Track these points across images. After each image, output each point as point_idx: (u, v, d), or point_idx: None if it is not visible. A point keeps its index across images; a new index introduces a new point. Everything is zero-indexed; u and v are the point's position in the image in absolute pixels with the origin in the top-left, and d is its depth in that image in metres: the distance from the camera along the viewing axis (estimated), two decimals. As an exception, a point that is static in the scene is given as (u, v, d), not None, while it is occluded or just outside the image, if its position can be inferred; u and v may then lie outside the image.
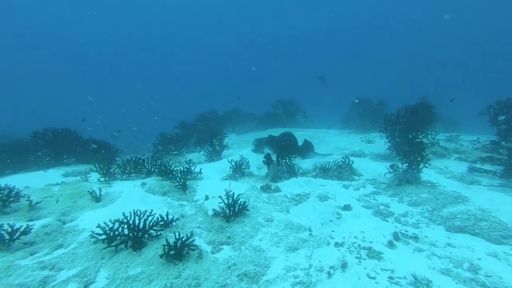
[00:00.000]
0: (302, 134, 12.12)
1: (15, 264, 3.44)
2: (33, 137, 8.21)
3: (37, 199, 5.05)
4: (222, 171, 7.38)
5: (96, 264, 3.61)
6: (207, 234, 4.46)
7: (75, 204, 5.22)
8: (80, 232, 4.35)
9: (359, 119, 16.59)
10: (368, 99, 17.19)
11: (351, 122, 17.23)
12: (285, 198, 5.77)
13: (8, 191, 4.71)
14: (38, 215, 4.75)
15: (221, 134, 9.32)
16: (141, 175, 6.95)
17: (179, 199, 5.65)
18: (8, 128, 19.57)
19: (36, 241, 4.04)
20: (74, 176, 6.98)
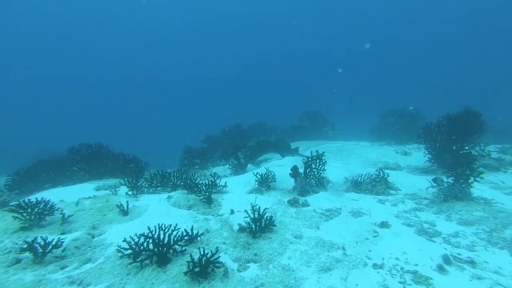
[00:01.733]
0: (330, 146, 11.67)
1: (46, 278, 3.47)
2: (69, 152, 8.72)
3: (69, 213, 5.20)
4: (247, 184, 7.19)
5: (122, 281, 3.54)
6: (232, 250, 4.25)
7: (104, 217, 5.30)
8: (107, 246, 4.35)
9: (392, 130, 15.69)
10: (402, 109, 16.32)
11: (382, 133, 16.35)
12: (314, 213, 5.41)
13: (43, 205, 4.91)
14: (70, 228, 4.86)
15: (245, 147, 9.23)
16: (167, 188, 6.99)
17: (204, 213, 5.53)
18: (49, 145, 21.35)
19: (67, 254, 4.09)
20: (105, 190, 7.20)
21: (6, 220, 4.88)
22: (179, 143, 13.80)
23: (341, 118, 21.61)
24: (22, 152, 23.01)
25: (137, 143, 26.51)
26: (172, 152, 14.57)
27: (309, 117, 18.97)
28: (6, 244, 4.23)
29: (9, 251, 4.07)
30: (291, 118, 20.27)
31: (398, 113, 16.17)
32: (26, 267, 3.68)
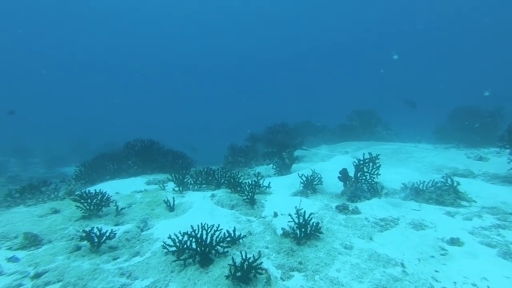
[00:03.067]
0: (383, 148, 10.58)
1: (100, 268, 3.66)
2: (125, 147, 9.45)
3: (122, 205, 5.54)
4: (291, 186, 6.87)
5: (166, 278, 3.56)
6: (275, 256, 4.01)
7: (152, 212, 5.52)
8: (154, 241, 4.48)
9: (462, 130, 13.45)
10: (476, 106, 14.03)
11: (449, 134, 14.19)
12: (366, 222, 4.86)
13: (100, 196, 5.30)
14: (123, 220, 5.16)
15: (290, 146, 8.88)
16: (211, 186, 7.06)
17: (247, 214, 5.39)
18: (114, 138, 23.59)
19: (119, 246, 4.31)
20: (155, 184, 7.59)
21: (71, 208, 5.39)
22: (226, 139, 14.08)
23: (394, 118, 19.70)
24: (92, 144, 25.71)
25: (184, 139, 28.00)
26: (218, 147, 14.92)
27: (360, 116, 17.66)
28: (70, 231, 4.65)
29: (71, 237, 4.45)
30: (339, 117, 19.17)
31: (471, 112, 13.85)
32: (84, 255, 3.96)
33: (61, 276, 3.42)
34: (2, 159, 20.01)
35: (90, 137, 28.31)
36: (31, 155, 21.90)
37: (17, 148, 22.25)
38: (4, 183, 12.51)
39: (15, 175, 14.71)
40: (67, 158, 20.87)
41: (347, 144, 12.10)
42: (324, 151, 10.98)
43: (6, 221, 4.71)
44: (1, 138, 24.53)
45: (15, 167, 18.37)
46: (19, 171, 16.68)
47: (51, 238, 4.41)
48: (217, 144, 18.59)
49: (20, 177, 13.93)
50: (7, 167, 17.35)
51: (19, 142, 24.08)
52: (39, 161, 20.69)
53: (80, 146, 25.71)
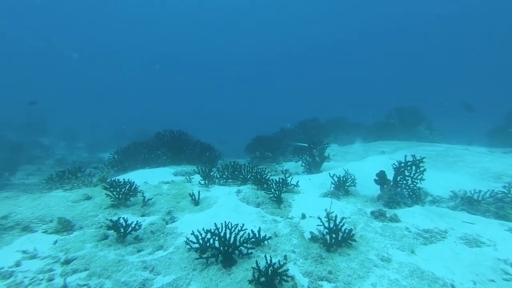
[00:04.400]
0: (427, 149, 9.52)
1: (124, 260, 3.65)
2: (156, 136, 9.64)
3: (149, 196, 5.58)
4: (321, 186, 6.43)
5: (188, 276, 3.44)
6: (303, 262, 3.70)
7: (177, 204, 5.48)
8: (178, 235, 4.40)
9: None
10: None
11: (507, 137, 12.36)
12: (407, 232, 4.32)
13: (129, 186, 5.37)
14: (149, 211, 5.18)
15: (322, 143, 8.36)
16: (237, 181, 6.88)
17: (273, 213, 5.11)
18: (149, 126, 24.47)
19: (144, 237, 4.30)
20: (182, 176, 7.61)
21: (102, 195, 5.54)
22: (254, 132, 13.84)
23: (438, 118, 17.84)
24: (129, 131, 27.00)
25: (214, 131, 28.36)
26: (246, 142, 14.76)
27: (399, 114, 16.28)
28: (99, 219, 4.75)
29: (100, 225, 4.54)
30: (376, 115, 17.91)
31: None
32: (111, 245, 3.99)
33: (88, 265, 3.45)
34: (52, 142, 21.91)
35: (128, 125, 29.81)
36: (77, 139, 23.70)
37: (66, 133, 24.21)
38: (52, 165, 13.63)
39: (61, 157, 16.01)
40: (107, 143, 22.23)
41: (383, 144, 11.16)
42: (358, 150, 10.24)
43: (44, 204, 4.96)
44: (54, 122, 26.76)
45: (63, 150, 19.99)
46: (65, 154, 18.11)
47: (82, 224, 4.54)
48: (245, 139, 18.46)
49: (66, 160, 15.08)
50: (56, 149, 18.93)
51: (68, 126, 26.13)
52: (83, 145, 22.32)
53: (118, 133, 27.24)
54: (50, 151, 17.03)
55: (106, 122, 32.17)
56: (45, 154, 15.94)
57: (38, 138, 20.83)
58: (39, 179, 10.45)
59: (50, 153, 16.72)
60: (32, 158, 14.51)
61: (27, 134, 20.84)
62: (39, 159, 14.73)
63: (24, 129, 21.87)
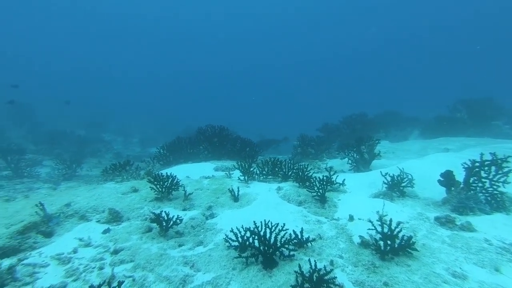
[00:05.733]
0: (509, 147, 7.95)
1: (166, 254, 3.68)
2: (198, 132, 9.86)
3: (190, 190, 5.64)
4: (371, 185, 5.79)
5: (228, 275, 3.31)
6: (352, 269, 3.30)
7: (217, 200, 5.44)
8: (217, 232, 4.32)
9: None
10: None
11: None
12: (487, 245, 3.57)
13: (171, 180, 5.49)
14: (190, 205, 5.23)
15: (372, 139, 7.54)
16: (278, 178, 6.61)
17: (316, 213, 4.73)
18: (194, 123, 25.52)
19: (185, 232, 4.31)
20: (222, 171, 7.63)
21: (147, 189, 5.78)
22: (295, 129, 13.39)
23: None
24: (178, 127, 28.57)
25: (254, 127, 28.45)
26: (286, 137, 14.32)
27: (468, 107, 14.14)
28: (144, 211, 4.94)
29: (145, 218, 4.70)
30: (439, 107, 15.87)
31: None
32: (154, 238, 4.07)
33: (133, 257, 3.54)
34: (111, 138, 24.34)
35: (176, 122, 31.57)
36: (131, 135, 25.98)
37: (122, 129, 26.72)
38: (111, 158, 15.07)
39: (118, 152, 17.64)
40: (157, 139, 23.93)
41: (446, 140, 9.71)
42: (414, 147, 9.09)
43: (98, 195, 5.34)
44: (112, 120, 29.75)
45: (119, 145, 22.07)
46: (121, 149, 19.94)
47: (129, 216, 4.76)
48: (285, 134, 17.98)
49: (121, 154, 16.54)
50: (114, 144, 20.97)
51: (123, 123, 28.83)
52: (137, 141, 24.36)
53: (166, 128, 29.07)
54: (109, 145, 18.89)
55: (158, 119, 34.54)
56: (105, 149, 17.71)
57: (101, 134, 23.29)
58: (99, 171, 11.60)
59: (109, 147, 18.53)
60: (95, 152, 16.25)
61: (93, 131, 23.42)
62: (100, 153, 16.42)
63: (91, 126, 24.64)
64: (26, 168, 10.34)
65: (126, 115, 33.92)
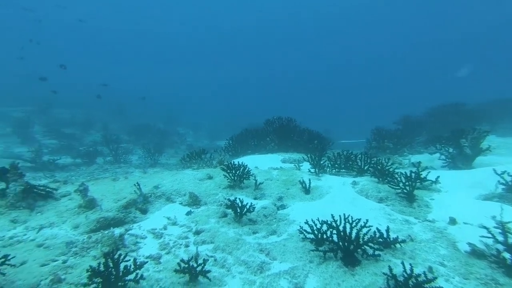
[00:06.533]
0: None
1: (242, 239, 3.77)
2: (265, 123, 9.93)
3: (260, 180, 5.68)
4: (477, 185, 4.78)
5: (305, 267, 3.19)
6: (461, 282, 2.81)
7: (287, 191, 5.34)
8: (290, 223, 4.22)
9: None
10: None
11: None
12: None
13: (242, 169, 5.63)
14: (260, 194, 5.27)
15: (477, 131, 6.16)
16: (352, 172, 6.12)
17: (403, 212, 4.17)
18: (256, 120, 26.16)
19: (257, 220, 4.36)
20: (290, 163, 7.50)
21: (220, 176, 6.08)
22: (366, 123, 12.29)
23: None
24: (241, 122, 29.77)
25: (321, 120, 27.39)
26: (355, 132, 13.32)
27: None
28: (219, 197, 5.19)
29: (220, 203, 4.94)
30: None
31: None
32: (230, 223, 4.23)
33: (213, 239, 3.74)
34: (184, 131, 26.91)
35: (241, 117, 32.93)
36: (201, 129, 28.27)
37: (193, 124, 29.33)
38: (184, 149, 16.69)
39: (190, 144, 19.41)
40: (224, 133, 25.45)
41: None
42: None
43: (179, 180, 5.87)
44: (184, 115, 32.87)
45: (191, 138, 24.25)
46: (192, 141, 21.89)
47: (206, 200, 5.08)
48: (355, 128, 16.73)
49: (193, 146, 18.14)
50: (187, 137, 23.16)
51: (194, 118, 31.61)
52: (205, 134, 26.38)
53: (233, 123, 30.62)
54: (183, 138, 20.93)
55: (224, 114, 36.62)
56: (180, 141, 19.69)
57: (176, 128, 26.01)
58: (176, 160, 12.93)
59: (183, 140, 20.52)
60: (172, 143, 18.23)
61: (170, 124, 26.33)
62: (176, 144, 18.34)
63: (168, 120, 27.75)
64: (122, 155, 12.28)
65: (196, 111, 37.00)
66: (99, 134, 17.31)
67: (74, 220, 4.13)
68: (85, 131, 18.81)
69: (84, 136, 17.58)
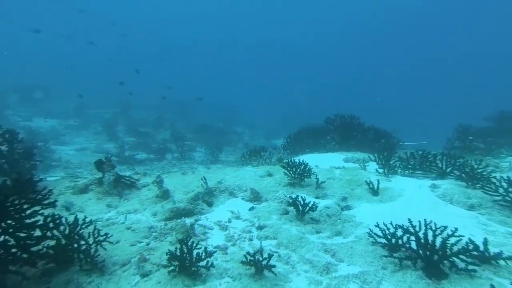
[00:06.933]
0: None
1: (305, 237, 3.68)
2: (325, 122, 9.53)
3: (322, 179, 5.46)
4: None
5: (377, 273, 2.94)
6: None
7: (352, 191, 5.01)
8: (357, 225, 3.94)
9: None
10: None
11: None
12: None
13: (303, 167, 5.50)
14: (322, 194, 5.06)
15: None
16: (430, 174, 5.39)
17: (505, 224, 3.47)
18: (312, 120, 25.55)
19: (320, 220, 4.19)
20: (353, 163, 7.04)
21: (280, 174, 6.06)
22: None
23: None
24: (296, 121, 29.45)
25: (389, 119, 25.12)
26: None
27: None
28: (280, 194, 5.18)
29: (281, 201, 4.92)
30: None
31: None
32: (292, 220, 4.17)
33: (276, 235, 3.74)
34: (241, 130, 27.90)
35: (297, 116, 32.58)
36: (256, 128, 28.93)
37: (249, 123, 30.24)
38: (242, 148, 17.31)
39: (246, 142, 20.04)
40: (279, 132, 25.54)
41: None
42: None
43: (241, 176, 6.07)
44: (241, 114, 34.05)
45: (247, 137, 25.01)
46: (249, 140, 22.53)
47: (267, 197, 5.12)
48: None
49: (249, 145, 18.69)
50: (243, 136, 23.97)
51: (250, 118, 32.53)
52: (261, 133, 26.90)
53: (288, 123, 30.53)
54: (240, 137, 21.75)
55: (279, 114, 36.74)
56: (238, 139, 20.50)
57: (234, 127, 27.17)
58: (234, 158, 13.49)
59: (240, 138, 21.33)
60: (230, 142, 19.09)
61: (228, 123, 27.66)
62: (234, 143, 19.15)
63: (226, 120, 29.19)
64: (187, 152, 13.40)
65: (252, 111, 37.98)
66: (168, 133, 19.25)
67: (152, 208, 4.64)
68: (156, 130, 21.11)
69: (155, 135, 19.74)
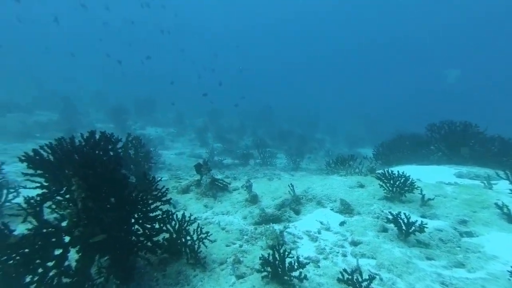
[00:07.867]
0: None
1: (412, 262, 3.17)
2: (428, 129, 8.13)
3: (429, 195, 4.64)
4: None
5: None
6: None
7: (474, 214, 4.05)
8: (488, 258, 3.14)
9: None
10: None
11: None
12: None
13: (404, 180, 4.79)
14: (431, 213, 4.29)
15: None
16: None
17: None
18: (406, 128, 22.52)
19: (431, 244, 3.55)
20: (471, 179, 5.74)
21: (374, 186, 5.48)
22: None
23: None
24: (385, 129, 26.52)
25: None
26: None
27: None
28: (374, 209, 4.67)
29: (377, 216, 4.42)
30: None
31: None
32: (393, 240, 3.68)
33: (374, 254, 3.36)
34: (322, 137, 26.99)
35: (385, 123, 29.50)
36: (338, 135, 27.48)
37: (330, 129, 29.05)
38: (323, 155, 16.69)
39: (328, 150, 19.20)
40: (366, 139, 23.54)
41: None
42: None
43: (329, 185, 5.79)
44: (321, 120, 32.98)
45: (328, 144, 23.97)
46: (330, 147, 21.53)
47: (359, 210, 4.69)
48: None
49: (332, 152, 17.83)
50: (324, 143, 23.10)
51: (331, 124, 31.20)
52: (343, 140, 25.37)
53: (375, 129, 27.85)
54: (321, 144, 21.04)
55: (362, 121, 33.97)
56: (319, 146, 19.89)
57: (314, 134, 26.59)
58: (316, 166, 13.08)
59: (322, 145, 20.62)
60: (311, 149, 18.68)
61: (308, 130, 27.27)
62: (315, 150, 18.65)
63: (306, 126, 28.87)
64: (268, 158, 13.81)
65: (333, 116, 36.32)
66: (250, 139, 20.36)
67: (243, 212, 4.91)
68: (239, 137, 22.65)
69: (239, 141, 21.20)
